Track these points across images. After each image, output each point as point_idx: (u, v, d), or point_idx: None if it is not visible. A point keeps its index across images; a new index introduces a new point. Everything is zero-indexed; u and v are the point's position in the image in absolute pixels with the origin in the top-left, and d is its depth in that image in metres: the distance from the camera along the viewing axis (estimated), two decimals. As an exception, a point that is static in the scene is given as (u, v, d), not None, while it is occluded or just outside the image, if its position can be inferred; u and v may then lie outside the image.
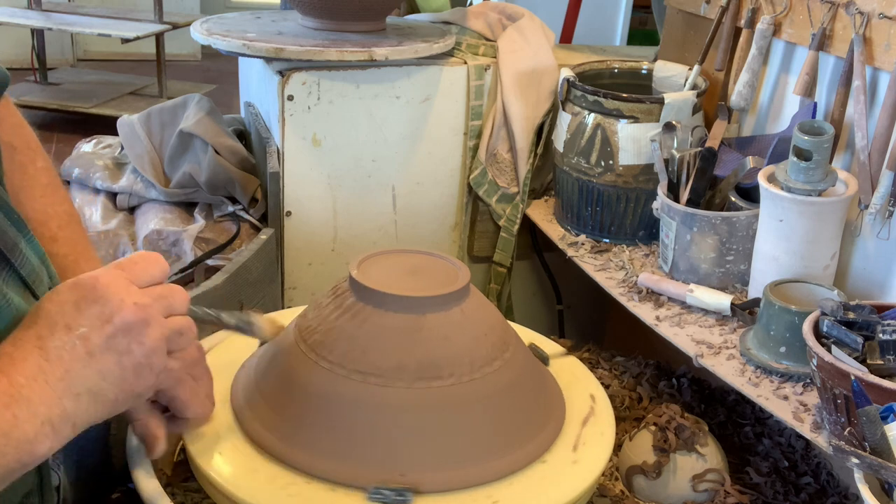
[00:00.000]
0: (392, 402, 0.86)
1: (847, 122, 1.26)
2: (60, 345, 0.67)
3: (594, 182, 1.50)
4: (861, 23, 1.20)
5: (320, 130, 1.52)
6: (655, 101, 1.44)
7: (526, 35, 1.65)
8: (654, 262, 1.46)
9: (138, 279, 0.73)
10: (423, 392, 0.86)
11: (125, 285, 0.71)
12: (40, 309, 0.69)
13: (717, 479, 1.16)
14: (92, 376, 0.68)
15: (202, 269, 1.50)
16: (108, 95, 3.92)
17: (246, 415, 0.91)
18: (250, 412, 0.91)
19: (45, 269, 0.82)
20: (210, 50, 1.61)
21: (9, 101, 0.94)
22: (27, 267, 0.78)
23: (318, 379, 0.88)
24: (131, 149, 1.70)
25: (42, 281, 0.81)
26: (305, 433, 0.87)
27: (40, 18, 3.79)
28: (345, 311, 0.90)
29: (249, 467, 0.84)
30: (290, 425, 0.87)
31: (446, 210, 1.67)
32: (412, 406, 0.86)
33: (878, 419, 0.87)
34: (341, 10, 1.56)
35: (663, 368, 1.48)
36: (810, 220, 1.17)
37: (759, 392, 1.11)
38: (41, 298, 0.71)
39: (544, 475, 0.88)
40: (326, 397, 0.87)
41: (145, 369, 0.71)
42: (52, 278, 0.83)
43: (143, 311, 0.71)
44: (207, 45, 1.52)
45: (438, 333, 0.88)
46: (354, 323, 0.89)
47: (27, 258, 0.79)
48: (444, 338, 0.88)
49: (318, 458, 0.85)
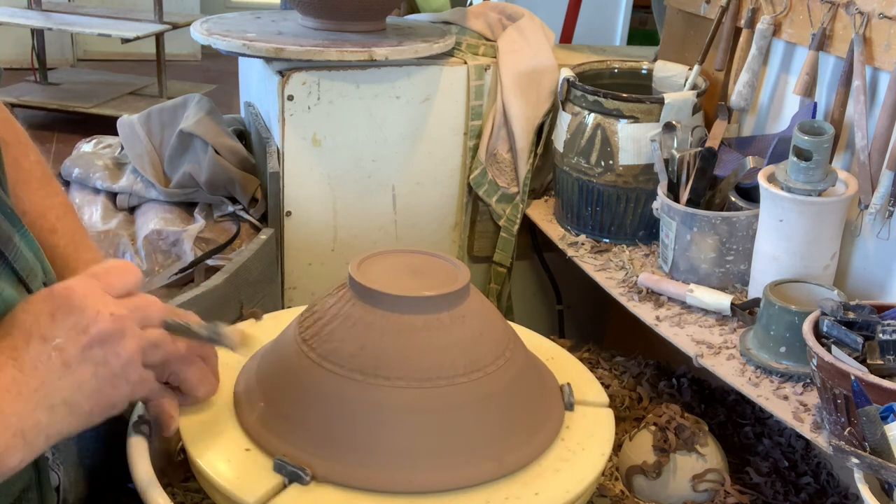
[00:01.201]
0: (392, 403, 0.86)
1: (847, 122, 1.26)
2: (35, 356, 0.67)
3: (594, 182, 1.50)
4: (861, 23, 1.20)
5: (320, 130, 1.52)
6: (655, 101, 1.44)
7: (526, 35, 1.65)
8: (654, 262, 1.46)
9: (113, 288, 0.73)
10: (422, 392, 0.86)
11: (101, 295, 0.71)
12: (14, 319, 0.68)
13: (717, 479, 1.16)
14: (67, 387, 0.67)
15: (202, 269, 1.50)
16: (108, 95, 3.92)
17: (247, 414, 0.91)
18: (251, 412, 0.91)
19: (40, 265, 0.82)
20: (210, 50, 1.61)
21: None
22: (21, 261, 0.78)
23: (319, 379, 0.88)
24: (131, 149, 1.70)
25: (36, 276, 0.80)
26: (306, 433, 0.87)
27: (40, 18, 3.79)
28: (345, 311, 0.90)
29: (250, 467, 0.84)
30: (290, 425, 0.87)
31: (446, 210, 1.67)
32: (412, 406, 0.86)
33: (878, 419, 0.87)
34: (341, 10, 1.56)
35: (663, 368, 1.48)
36: (810, 220, 1.17)
37: (759, 392, 1.11)
38: (14, 309, 0.70)
39: (544, 475, 0.88)
40: (327, 397, 0.87)
41: (121, 380, 0.71)
42: (46, 273, 0.83)
43: (119, 322, 0.70)
44: (207, 45, 1.52)
45: (438, 333, 0.88)
46: (354, 323, 0.89)
47: (21, 252, 0.78)
48: (443, 338, 0.88)
49: (318, 458, 0.85)
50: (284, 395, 0.89)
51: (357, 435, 0.85)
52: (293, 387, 0.89)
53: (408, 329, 0.88)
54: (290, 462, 0.83)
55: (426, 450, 0.85)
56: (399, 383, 0.86)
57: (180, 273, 1.51)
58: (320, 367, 0.88)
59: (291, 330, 0.95)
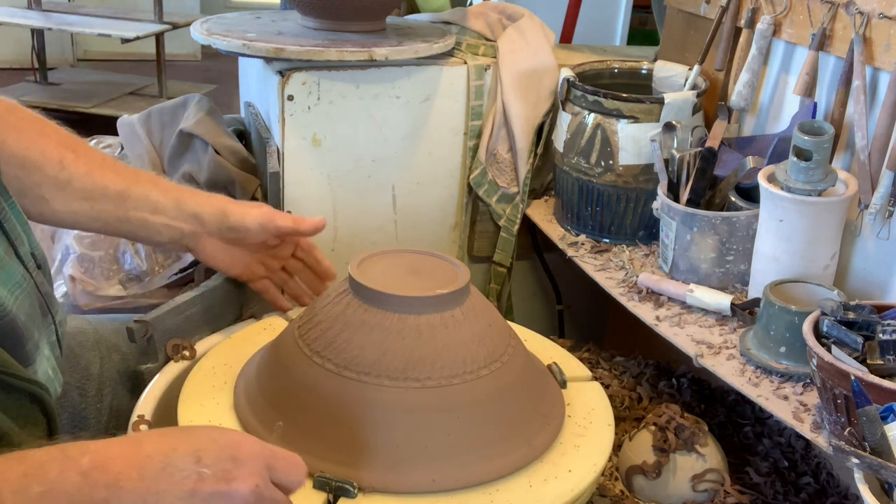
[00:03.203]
0: (392, 403, 0.86)
1: (847, 122, 1.26)
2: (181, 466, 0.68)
3: (594, 182, 1.50)
4: (861, 23, 1.20)
5: (320, 130, 1.52)
6: (655, 101, 1.44)
7: (526, 35, 1.65)
8: (654, 262, 1.46)
9: (275, 473, 0.74)
10: (422, 392, 0.86)
11: (261, 469, 0.72)
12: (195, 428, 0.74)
13: (717, 479, 1.16)
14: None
15: (202, 269, 1.50)
16: (108, 95, 3.92)
17: (247, 414, 0.91)
18: (251, 411, 0.91)
19: (26, 236, 0.86)
20: (210, 50, 1.61)
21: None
22: (10, 224, 0.82)
23: (319, 379, 0.88)
24: (131, 149, 1.70)
25: (23, 242, 0.85)
26: (305, 433, 0.87)
27: (40, 18, 3.79)
28: (344, 312, 0.90)
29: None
30: (290, 425, 0.87)
31: (446, 210, 1.67)
32: (412, 406, 0.86)
33: (878, 419, 0.87)
34: (341, 10, 1.55)
35: (663, 368, 1.48)
36: (810, 220, 1.17)
37: (759, 392, 1.11)
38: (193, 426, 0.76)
39: (544, 475, 0.88)
40: (327, 398, 0.87)
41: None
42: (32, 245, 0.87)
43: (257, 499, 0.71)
44: (207, 45, 1.52)
45: (438, 334, 0.88)
46: (354, 323, 0.89)
47: (10, 218, 0.83)
48: (444, 338, 0.88)
49: (318, 458, 0.85)
50: (284, 395, 0.89)
51: (357, 435, 0.85)
52: (293, 387, 0.89)
53: (408, 329, 0.88)
54: (333, 477, 0.82)
55: (465, 445, 0.86)
56: (399, 384, 0.86)
57: (180, 273, 1.51)
58: (321, 367, 0.88)
59: (291, 330, 0.95)
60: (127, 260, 1.53)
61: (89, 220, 1.04)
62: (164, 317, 1.07)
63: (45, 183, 1.00)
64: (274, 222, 1.09)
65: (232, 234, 1.09)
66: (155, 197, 1.06)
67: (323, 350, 0.89)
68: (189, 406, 0.93)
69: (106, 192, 1.03)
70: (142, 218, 1.05)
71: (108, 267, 1.53)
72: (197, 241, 1.09)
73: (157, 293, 1.51)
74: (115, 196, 1.04)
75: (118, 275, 1.53)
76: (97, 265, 1.53)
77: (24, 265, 0.84)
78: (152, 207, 1.06)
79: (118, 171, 1.05)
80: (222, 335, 1.12)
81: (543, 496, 0.86)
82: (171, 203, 1.07)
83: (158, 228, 1.06)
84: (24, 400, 0.78)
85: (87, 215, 1.03)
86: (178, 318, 1.08)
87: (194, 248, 1.10)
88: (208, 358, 1.03)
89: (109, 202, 1.03)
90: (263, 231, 1.10)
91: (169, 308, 1.08)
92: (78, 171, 1.02)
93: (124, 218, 1.05)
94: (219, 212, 1.08)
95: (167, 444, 0.70)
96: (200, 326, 1.12)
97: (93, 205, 1.03)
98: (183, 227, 1.07)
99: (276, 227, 1.10)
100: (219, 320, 1.15)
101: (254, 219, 1.09)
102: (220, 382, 0.98)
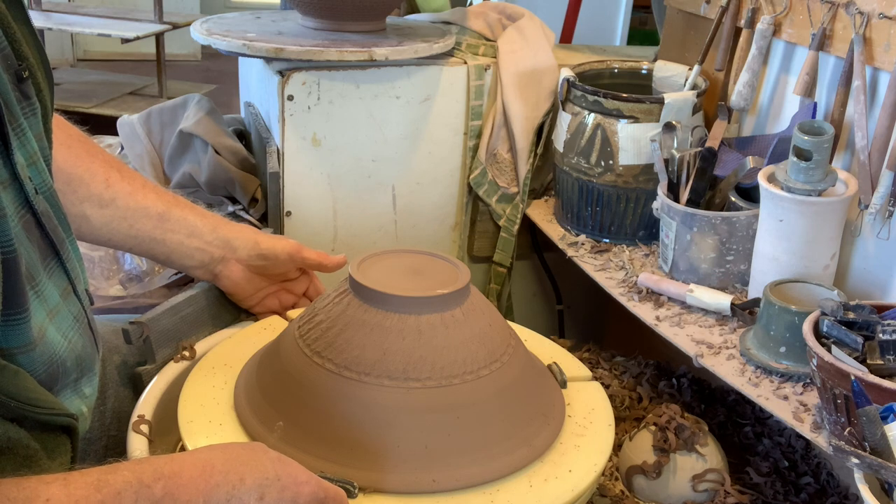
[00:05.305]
0: (392, 403, 0.86)
1: (847, 122, 1.26)
2: (245, 501, 0.71)
3: (594, 182, 1.50)
4: (861, 23, 1.20)
5: (320, 130, 1.52)
6: (655, 101, 1.44)
7: (526, 35, 1.65)
8: (654, 262, 1.46)
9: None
10: (422, 392, 0.86)
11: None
12: (258, 451, 0.75)
13: (717, 479, 1.16)
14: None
15: (202, 269, 1.50)
16: (108, 95, 3.92)
17: (247, 414, 0.91)
18: (251, 411, 0.91)
19: (81, 272, 0.85)
20: (210, 50, 1.61)
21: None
22: (71, 263, 0.82)
23: (319, 380, 0.88)
24: (131, 149, 1.70)
25: (80, 279, 0.84)
26: (306, 433, 0.87)
27: (40, 18, 3.79)
28: (345, 312, 0.90)
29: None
30: (290, 425, 0.87)
31: (446, 210, 1.67)
32: (412, 406, 0.86)
33: (878, 419, 0.87)
34: (341, 10, 1.55)
35: (663, 368, 1.48)
36: (810, 220, 1.17)
37: (759, 392, 1.11)
38: (259, 452, 0.75)
39: (544, 475, 0.88)
40: (327, 398, 0.87)
41: None
42: (85, 281, 0.87)
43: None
44: (207, 45, 1.52)
45: (438, 334, 0.88)
46: (355, 323, 0.89)
47: (71, 257, 0.82)
48: (444, 338, 0.88)
49: (318, 458, 0.85)
50: (284, 395, 0.89)
51: (357, 435, 0.85)
52: (293, 387, 0.89)
53: (408, 329, 0.88)
54: (333, 477, 0.82)
55: (465, 445, 0.86)
56: (399, 384, 0.86)
57: (180, 273, 1.51)
58: (321, 368, 0.88)
59: (292, 330, 0.95)
60: (127, 260, 1.53)
61: (125, 238, 1.07)
62: (160, 317, 1.07)
63: (89, 199, 1.03)
64: (301, 254, 1.15)
65: (261, 261, 1.13)
66: (192, 220, 1.10)
67: (323, 350, 0.89)
68: (189, 406, 0.93)
69: (147, 212, 1.06)
70: (178, 240, 1.09)
71: (107, 267, 1.53)
72: (225, 266, 1.12)
73: (157, 293, 1.51)
74: (155, 217, 1.07)
75: (118, 275, 1.53)
76: (97, 265, 1.53)
77: (81, 303, 0.84)
78: (189, 230, 1.09)
79: (159, 194, 1.09)
80: (222, 335, 1.12)
81: (544, 496, 0.86)
82: (208, 228, 1.11)
83: (192, 252, 1.10)
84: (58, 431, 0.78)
85: (125, 234, 1.06)
86: (173, 318, 1.08)
87: (221, 273, 1.13)
88: (208, 358, 1.03)
89: (149, 222, 1.07)
90: (291, 261, 1.15)
91: (164, 309, 1.08)
92: (122, 190, 1.05)
93: (160, 239, 1.08)
94: (251, 240, 1.13)
95: (235, 473, 0.72)
96: (197, 327, 1.12)
97: (132, 224, 1.06)
98: (215, 252, 1.11)
99: (303, 259, 1.15)
100: (215, 320, 1.15)
101: (283, 248, 1.14)
102: (220, 382, 0.98)
